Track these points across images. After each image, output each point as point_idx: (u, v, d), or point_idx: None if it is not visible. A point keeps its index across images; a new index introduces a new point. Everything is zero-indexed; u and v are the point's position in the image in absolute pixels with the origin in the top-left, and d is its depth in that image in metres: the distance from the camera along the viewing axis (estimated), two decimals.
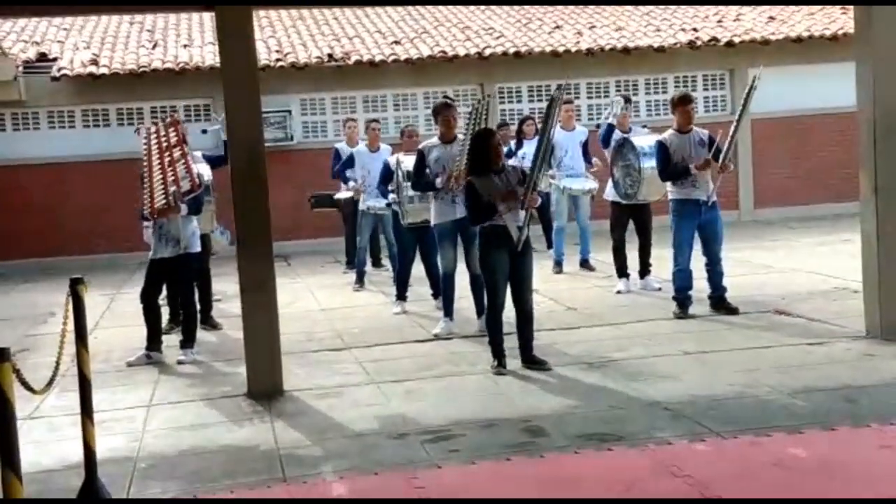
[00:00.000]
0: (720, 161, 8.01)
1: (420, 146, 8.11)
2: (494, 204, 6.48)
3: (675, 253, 8.18)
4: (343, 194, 11.47)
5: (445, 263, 8.01)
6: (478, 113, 7.93)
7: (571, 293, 9.66)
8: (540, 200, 6.77)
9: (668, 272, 8.72)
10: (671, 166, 8.08)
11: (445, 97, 12.09)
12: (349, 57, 15.08)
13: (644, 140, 9.18)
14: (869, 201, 7.02)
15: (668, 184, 8.25)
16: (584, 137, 10.72)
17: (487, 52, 15.26)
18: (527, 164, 7.52)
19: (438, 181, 7.73)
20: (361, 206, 10.47)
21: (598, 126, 9.84)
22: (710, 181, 8.12)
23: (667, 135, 8.25)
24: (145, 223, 7.95)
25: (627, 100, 10.19)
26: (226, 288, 9.88)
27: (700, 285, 8.28)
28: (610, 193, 9.61)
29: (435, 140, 8.01)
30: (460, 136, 7.81)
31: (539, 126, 8.77)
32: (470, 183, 6.68)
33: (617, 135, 9.59)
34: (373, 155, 10.61)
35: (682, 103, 8.25)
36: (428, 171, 7.86)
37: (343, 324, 8.81)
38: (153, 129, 7.72)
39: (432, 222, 7.98)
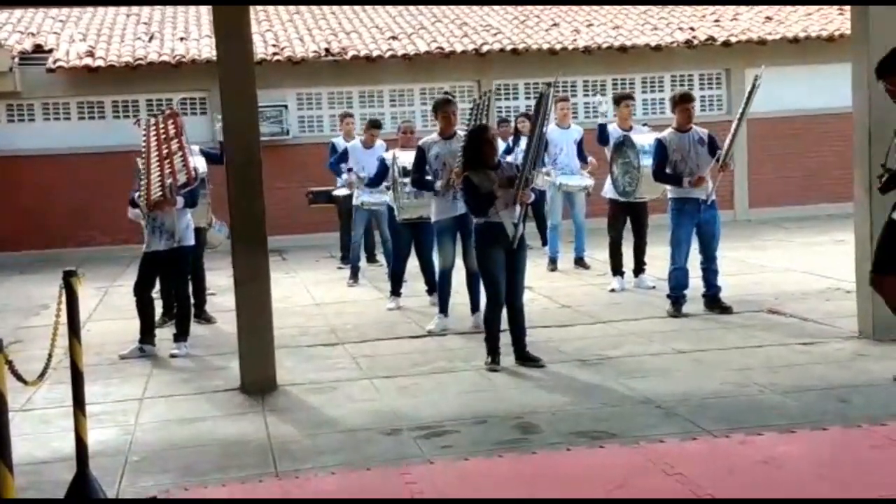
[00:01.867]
0: (720, 160, 8.02)
1: (420, 142, 8.09)
2: (493, 192, 6.49)
3: (673, 251, 8.18)
4: (340, 191, 11.47)
5: (443, 260, 8.01)
6: (479, 109, 7.94)
7: (566, 291, 9.67)
8: (533, 197, 6.76)
9: (662, 271, 8.74)
10: (666, 172, 8.08)
11: (446, 93, 12.09)
12: (346, 52, 15.07)
13: (644, 139, 9.19)
14: (862, 202, 7.04)
15: None
16: (580, 135, 10.72)
17: (485, 48, 15.26)
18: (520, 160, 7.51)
19: (438, 184, 7.72)
20: (355, 202, 10.47)
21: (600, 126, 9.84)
22: (710, 180, 8.13)
23: (666, 133, 8.25)
24: (133, 209, 7.87)
25: (629, 97, 10.15)
26: (220, 282, 9.87)
27: (694, 284, 8.29)
28: (608, 191, 9.61)
29: (434, 136, 8.00)
30: (460, 133, 7.80)
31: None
32: (467, 178, 6.68)
33: (617, 132, 9.57)
34: (367, 151, 10.60)
35: (683, 102, 8.24)
36: (428, 167, 7.86)
37: (337, 319, 8.81)
38: (153, 120, 7.70)
39: (432, 219, 7.98)
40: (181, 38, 15.59)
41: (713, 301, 8.22)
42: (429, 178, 7.86)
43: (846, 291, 8.31)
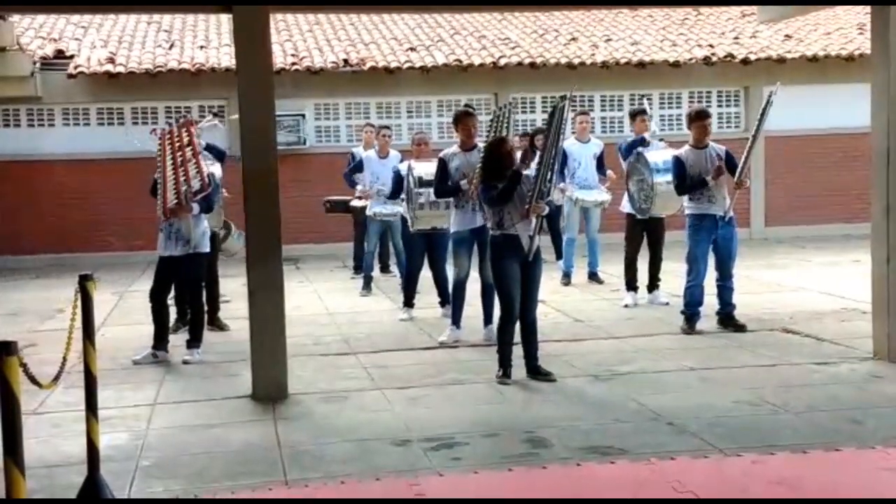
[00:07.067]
0: (736, 177, 8.00)
1: (441, 154, 8.09)
2: (517, 171, 6.52)
3: (690, 268, 8.15)
4: (358, 202, 11.49)
5: (458, 272, 8.01)
6: (499, 120, 7.94)
7: (579, 305, 9.65)
8: (547, 209, 6.74)
9: (677, 287, 8.71)
10: (687, 180, 8.07)
11: (467, 105, 12.09)
12: (364, 63, 15.13)
13: (658, 155, 9.16)
14: (880, 222, 7.00)
15: (685, 199, 8.24)
16: (600, 149, 10.71)
17: (502, 61, 15.29)
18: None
19: (463, 183, 7.71)
20: (368, 213, 10.49)
21: (628, 144, 9.73)
22: (727, 196, 8.11)
23: (683, 150, 8.24)
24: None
25: (644, 111, 10.12)
26: (234, 288, 9.90)
27: (708, 301, 8.26)
28: (626, 206, 9.61)
29: (455, 148, 8.00)
30: (481, 145, 7.80)
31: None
32: (486, 182, 6.71)
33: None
34: (382, 161, 10.63)
35: (699, 118, 8.23)
36: (449, 180, 7.86)
37: (349, 329, 8.82)
38: (167, 129, 7.76)
39: (451, 230, 7.99)
40: (201, 47, 15.69)
41: (727, 319, 8.18)
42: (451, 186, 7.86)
43: (862, 312, 8.26)
